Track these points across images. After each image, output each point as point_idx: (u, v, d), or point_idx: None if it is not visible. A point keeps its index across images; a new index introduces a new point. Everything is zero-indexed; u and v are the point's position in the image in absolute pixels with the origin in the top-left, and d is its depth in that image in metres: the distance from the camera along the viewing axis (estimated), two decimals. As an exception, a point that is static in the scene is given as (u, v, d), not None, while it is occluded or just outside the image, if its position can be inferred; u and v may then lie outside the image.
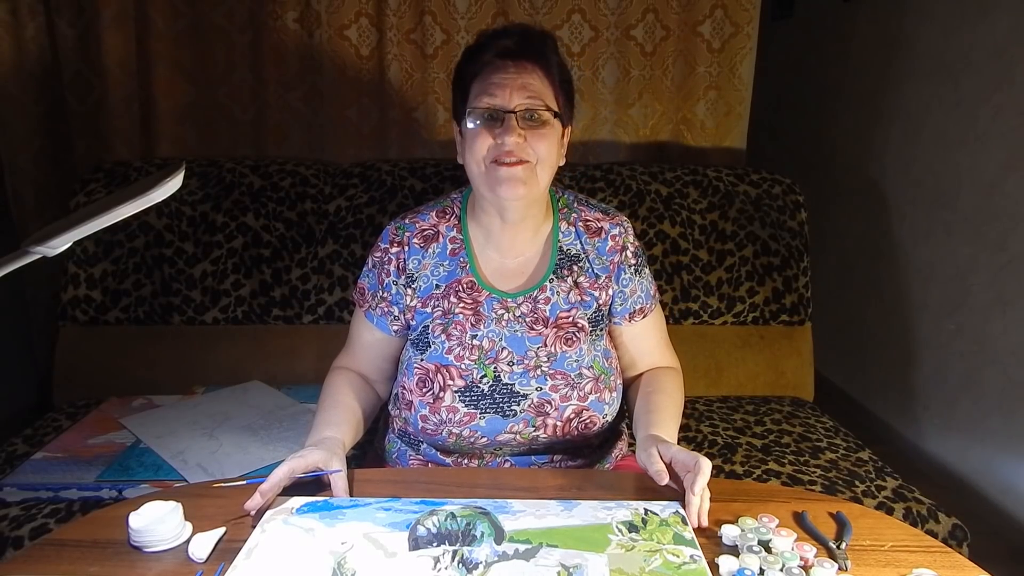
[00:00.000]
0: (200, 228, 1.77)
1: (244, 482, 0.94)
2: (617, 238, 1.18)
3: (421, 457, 1.17)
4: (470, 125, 1.07)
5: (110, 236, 1.74)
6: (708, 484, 0.91)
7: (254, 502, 0.88)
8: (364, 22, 2.05)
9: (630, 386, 1.23)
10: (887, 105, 2.56)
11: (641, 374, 1.23)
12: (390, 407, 1.24)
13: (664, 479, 0.93)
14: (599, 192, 1.86)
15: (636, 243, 1.21)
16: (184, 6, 2.00)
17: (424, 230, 1.17)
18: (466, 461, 1.15)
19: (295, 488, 0.94)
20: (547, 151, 1.07)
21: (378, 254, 1.18)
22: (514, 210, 1.11)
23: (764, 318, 1.86)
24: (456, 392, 1.09)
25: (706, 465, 0.90)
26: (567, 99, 1.12)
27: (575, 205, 1.21)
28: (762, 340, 1.87)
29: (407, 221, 1.18)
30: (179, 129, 2.08)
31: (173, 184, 0.76)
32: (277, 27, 2.02)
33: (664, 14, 2.08)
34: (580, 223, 1.19)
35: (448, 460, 1.16)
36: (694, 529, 0.88)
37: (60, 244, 0.71)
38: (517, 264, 1.16)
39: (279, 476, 0.91)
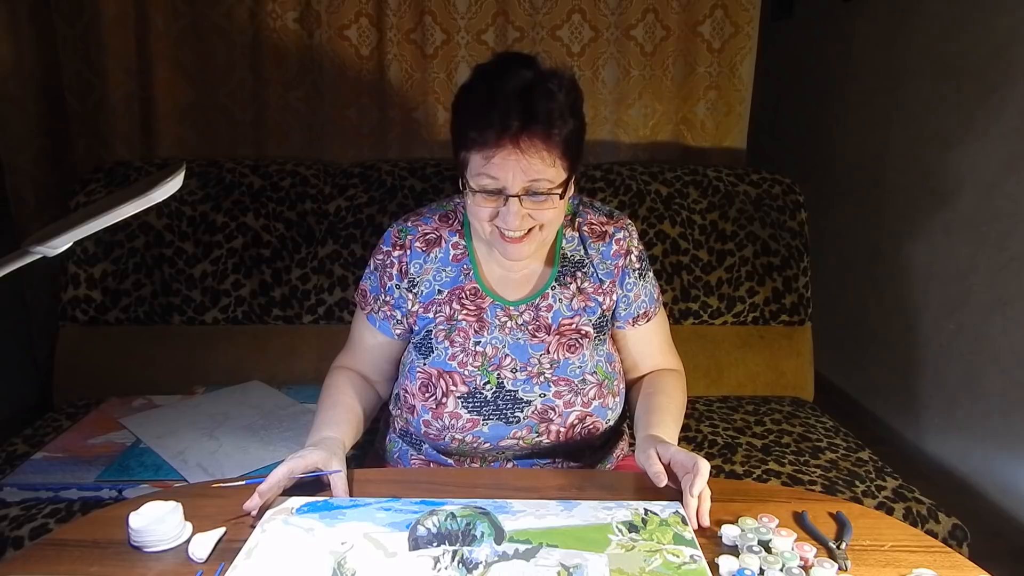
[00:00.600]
0: (200, 228, 1.77)
1: (244, 482, 0.94)
2: (621, 242, 1.18)
3: (423, 457, 1.17)
4: (471, 196, 1.03)
5: (110, 236, 1.74)
6: (708, 484, 0.91)
7: (253, 502, 0.88)
8: (364, 22, 2.05)
9: (632, 388, 1.23)
10: (887, 105, 2.56)
11: (643, 376, 1.23)
12: (391, 407, 1.24)
13: (662, 481, 0.92)
14: (599, 192, 1.86)
15: (640, 247, 1.21)
16: (184, 6, 2.00)
17: (426, 234, 1.16)
18: (468, 461, 1.15)
19: (295, 488, 0.94)
20: (552, 217, 1.05)
21: (380, 256, 1.18)
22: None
23: (764, 318, 1.86)
24: (459, 398, 1.09)
25: (704, 467, 0.90)
26: (575, 156, 1.05)
27: (580, 209, 1.20)
28: (762, 340, 1.87)
29: (409, 224, 1.17)
30: (179, 129, 2.08)
31: (173, 184, 0.76)
32: (277, 27, 2.02)
33: (664, 14, 2.08)
34: (585, 227, 1.18)
35: (450, 460, 1.16)
36: (694, 529, 0.88)
37: (60, 244, 0.71)
38: (521, 275, 1.16)
39: (278, 476, 0.91)
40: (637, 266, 1.19)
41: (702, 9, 2.08)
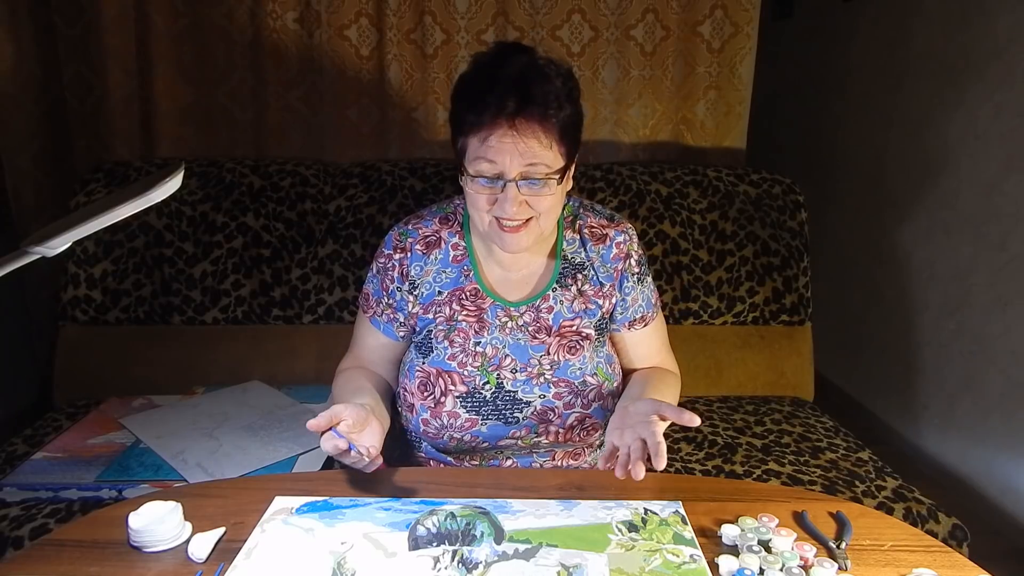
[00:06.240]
0: (200, 228, 1.77)
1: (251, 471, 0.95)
2: (622, 245, 1.18)
3: (422, 454, 1.18)
4: (469, 184, 1.03)
5: (110, 236, 1.74)
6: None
7: (318, 422, 0.88)
8: (364, 22, 2.05)
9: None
10: (887, 105, 2.56)
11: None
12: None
13: (686, 414, 0.90)
14: (599, 192, 1.86)
15: (640, 251, 1.20)
16: (184, 6, 2.00)
17: (427, 236, 1.16)
18: (467, 459, 1.15)
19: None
20: (549, 206, 1.04)
21: (382, 260, 1.17)
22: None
23: (764, 318, 1.86)
24: (458, 398, 1.09)
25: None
26: (572, 144, 1.05)
27: (581, 212, 1.20)
28: (762, 340, 1.87)
29: (410, 227, 1.17)
30: (179, 129, 2.08)
31: (173, 184, 0.76)
32: (277, 27, 2.02)
33: (664, 14, 2.08)
34: (586, 230, 1.18)
35: (449, 457, 1.16)
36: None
37: (60, 244, 0.71)
38: (521, 276, 1.16)
39: (334, 412, 0.90)
40: (636, 270, 1.19)
41: (702, 9, 2.08)
